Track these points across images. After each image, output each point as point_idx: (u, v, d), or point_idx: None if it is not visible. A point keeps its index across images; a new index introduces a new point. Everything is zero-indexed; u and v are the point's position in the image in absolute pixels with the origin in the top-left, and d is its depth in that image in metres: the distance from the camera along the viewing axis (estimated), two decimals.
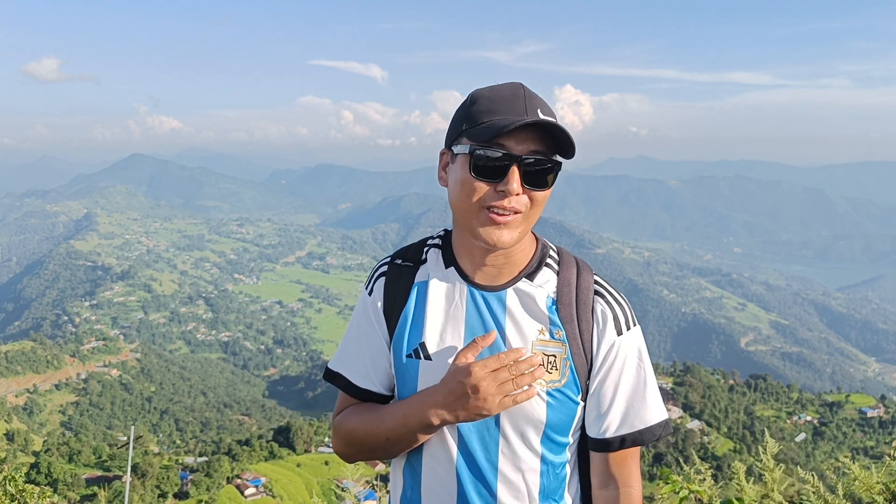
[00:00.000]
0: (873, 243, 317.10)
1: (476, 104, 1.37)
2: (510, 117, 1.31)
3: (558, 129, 1.31)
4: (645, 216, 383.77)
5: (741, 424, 57.63)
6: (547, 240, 1.55)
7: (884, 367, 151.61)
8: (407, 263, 1.53)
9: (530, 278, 1.45)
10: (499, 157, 1.31)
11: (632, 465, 1.47)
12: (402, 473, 1.52)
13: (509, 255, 1.43)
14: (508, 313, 1.43)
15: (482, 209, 1.35)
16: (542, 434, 1.42)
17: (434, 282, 1.48)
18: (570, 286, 1.46)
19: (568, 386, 1.42)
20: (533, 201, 1.35)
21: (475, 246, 1.42)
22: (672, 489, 3.20)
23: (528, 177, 1.33)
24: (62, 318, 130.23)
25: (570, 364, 1.42)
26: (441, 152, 1.45)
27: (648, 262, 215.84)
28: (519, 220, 1.35)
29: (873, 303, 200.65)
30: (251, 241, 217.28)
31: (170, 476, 39.86)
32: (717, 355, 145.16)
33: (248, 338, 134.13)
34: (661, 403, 1.46)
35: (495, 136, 1.30)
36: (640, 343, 1.48)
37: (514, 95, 1.35)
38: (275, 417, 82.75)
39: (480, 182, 1.33)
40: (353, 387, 1.52)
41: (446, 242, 1.53)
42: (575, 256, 1.53)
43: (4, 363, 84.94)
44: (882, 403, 67.56)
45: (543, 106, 1.36)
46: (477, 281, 1.45)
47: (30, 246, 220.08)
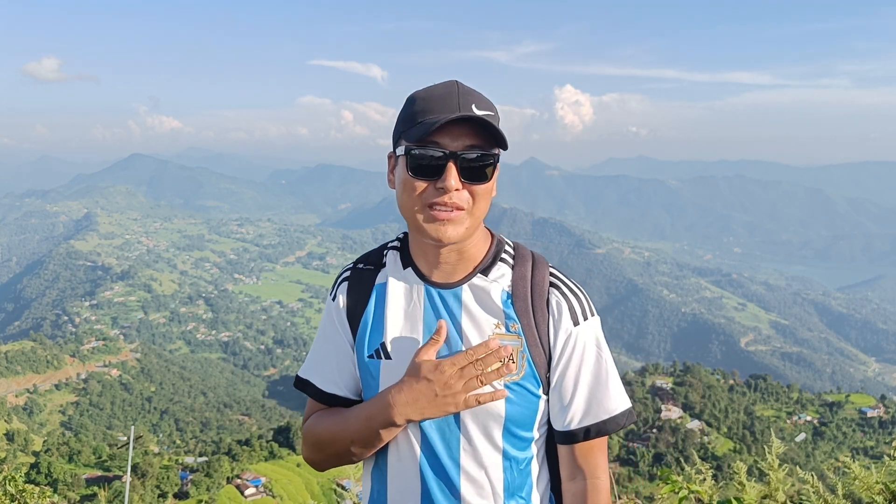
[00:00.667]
0: (873, 243, 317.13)
1: (412, 105, 1.39)
2: (444, 115, 1.32)
3: (488, 122, 1.32)
4: (645, 216, 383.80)
5: (741, 424, 57.62)
6: (503, 236, 1.56)
7: (884, 367, 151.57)
8: (368, 267, 1.54)
9: (485, 273, 1.46)
10: (434, 154, 1.33)
11: (598, 456, 1.47)
12: (371, 476, 1.53)
13: (462, 252, 1.45)
14: (464, 309, 1.44)
15: (425, 207, 1.36)
16: (503, 429, 1.42)
17: (392, 283, 1.50)
18: (525, 279, 1.47)
19: (526, 379, 1.42)
20: (474, 196, 1.37)
21: (428, 245, 1.43)
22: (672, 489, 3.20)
23: (466, 172, 1.34)
24: (62, 318, 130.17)
25: (527, 357, 1.42)
26: (388, 156, 1.46)
27: (648, 262, 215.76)
28: (463, 216, 1.36)
29: (873, 303, 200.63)
30: (251, 241, 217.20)
31: (170, 476, 39.84)
32: (717, 355, 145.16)
33: (248, 338, 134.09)
34: (624, 392, 1.47)
35: (428, 134, 1.32)
36: (599, 333, 1.48)
37: (448, 93, 1.36)
38: (275, 417, 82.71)
39: (419, 181, 1.35)
40: (321, 392, 1.53)
41: (404, 244, 1.54)
42: (531, 251, 1.53)
43: (4, 363, 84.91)
44: (882, 403, 67.51)
45: (479, 101, 1.37)
46: (433, 279, 1.47)
47: (30, 246, 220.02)
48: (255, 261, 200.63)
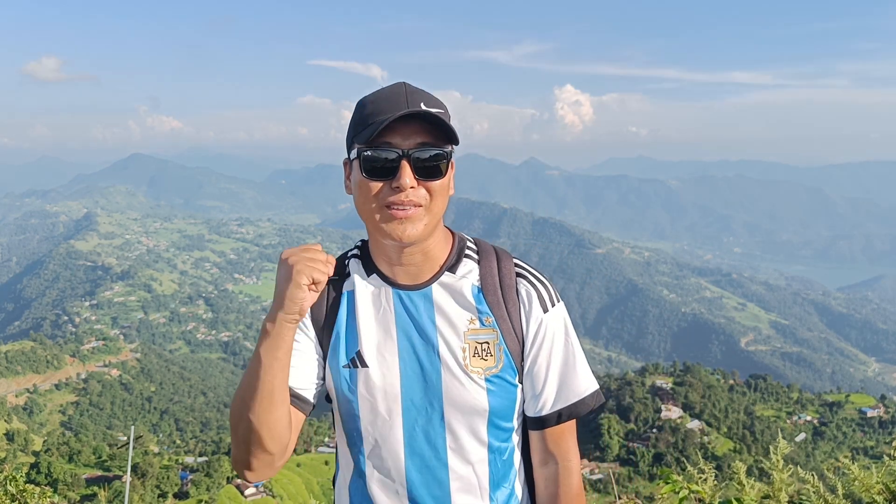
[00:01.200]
0: (873, 243, 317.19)
1: (362, 109, 1.38)
2: (393, 114, 1.32)
3: (436, 117, 1.32)
4: (645, 216, 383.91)
5: (741, 424, 57.60)
6: (463, 233, 1.57)
7: (884, 367, 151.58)
8: (333, 277, 1.48)
9: (452, 271, 1.47)
10: (386, 154, 1.32)
11: (569, 440, 1.50)
12: (348, 490, 1.52)
13: (426, 252, 1.44)
14: (437, 308, 1.44)
15: (382, 208, 1.35)
16: (487, 422, 1.43)
17: (359, 290, 1.48)
18: (493, 272, 1.48)
19: (504, 370, 1.44)
20: (431, 193, 1.37)
21: (390, 247, 1.42)
22: (672, 489, 3.21)
23: (420, 170, 1.34)
24: (62, 318, 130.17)
25: (503, 348, 1.44)
26: (343, 163, 1.46)
27: (648, 262, 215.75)
28: (421, 213, 1.36)
29: (873, 303, 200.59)
30: (251, 241, 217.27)
31: (170, 476, 39.86)
32: (717, 355, 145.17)
33: (248, 338, 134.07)
34: (591, 374, 1.50)
35: (379, 134, 1.32)
36: (566, 318, 1.51)
37: (395, 93, 1.36)
38: None
39: (374, 182, 1.34)
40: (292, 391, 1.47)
41: (364, 251, 1.53)
42: (493, 245, 1.55)
43: (4, 363, 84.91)
44: (882, 403, 67.54)
45: (428, 99, 1.37)
46: (400, 282, 1.46)
47: (30, 246, 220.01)
48: (255, 261, 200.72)
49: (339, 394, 1.47)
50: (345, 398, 1.46)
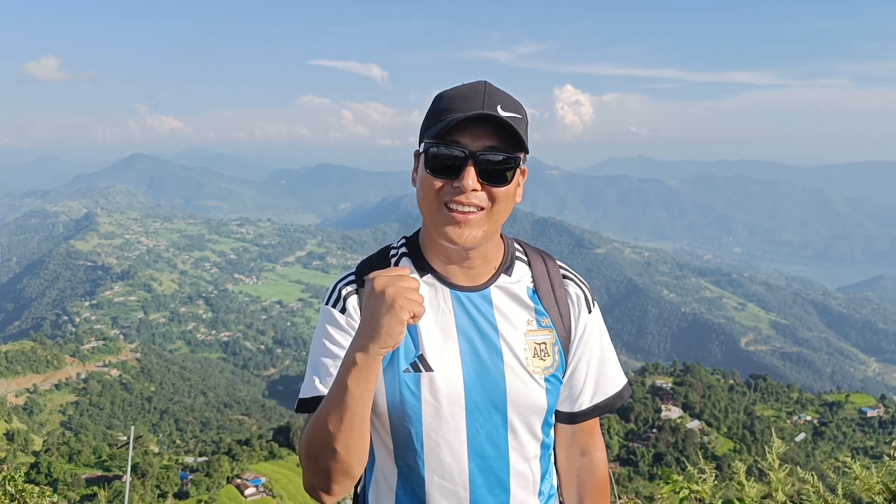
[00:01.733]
0: (873, 243, 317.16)
1: (437, 103, 1.37)
2: (465, 113, 1.30)
3: (508, 123, 1.30)
4: (645, 216, 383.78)
5: (741, 424, 57.59)
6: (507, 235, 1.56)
7: (884, 367, 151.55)
8: None
9: (508, 273, 1.48)
10: (453, 153, 1.31)
11: (597, 432, 1.61)
12: (395, 498, 1.46)
13: (485, 255, 1.44)
14: (497, 310, 1.44)
15: (441, 207, 1.34)
16: (543, 420, 1.47)
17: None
18: (544, 275, 1.51)
19: (558, 370, 1.47)
20: (494, 198, 1.34)
21: (451, 248, 1.40)
22: (672, 489, 3.21)
23: (485, 173, 1.32)
24: (62, 318, 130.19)
25: (558, 348, 1.47)
26: (414, 154, 1.44)
27: (648, 262, 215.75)
28: (482, 217, 1.34)
29: (873, 303, 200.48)
30: (251, 241, 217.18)
31: (170, 476, 39.84)
32: (717, 355, 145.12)
33: (248, 338, 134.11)
34: (621, 368, 1.58)
35: (448, 132, 1.31)
36: (601, 317, 1.57)
37: (474, 92, 1.34)
38: (275, 417, 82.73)
39: (437, 179, 1.33)
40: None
41: (414, 248, 1.49)
42: (536, 248, 1.57)
43: (4, 363, 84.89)
44: (882, 403, 67.52)
45: (506, 102, 1.34)
46: (456, 282, 1.44)
47: (30, 246, 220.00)
48: (255, 261, 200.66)
49: (394, 399, 1.40)
50: (403, 403, 1.40)
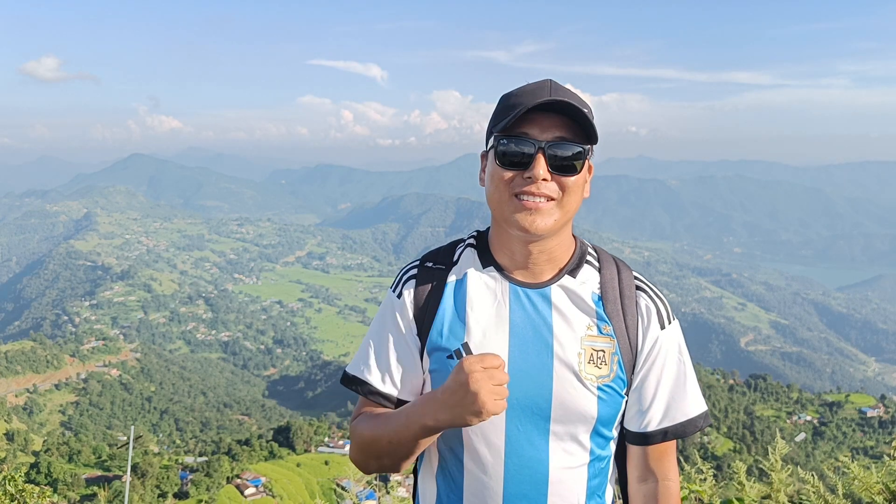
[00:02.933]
0: (873, 243, 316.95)
1: (504, 101, 1.39)
2: (533, 101, 1.32)
3: (579, 112, 1.32)
4: (645, 216, 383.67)
5: (741, 424, 57.62)
6: (585, 240, 1.54)
7: (884, 367, 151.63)
8: (438, 266, 1.50)
9: (573, 275, 1.45)
10: (522, 144, 1.33)
11: (670, 458, 1.48)
12: (435, 481, 1.48)
13: (551, 252, 1.43)
14: (555, 309, 1.42)
15: (512, 197, 1.35)
16: (591, 429, 1.41)
17: (473, 281, 1.46)
18: (614, 282, 1.47)
19: (615, 381, 1.42)
20: (564, 188, 1.35)
21: (515, 243, 1.41)
22: None
23: (555, 164, 1.33)
24: (62, 318, 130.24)
25: (618, 359, 1.42)
26: (480, 155, 1.46)
27: (648, 262, 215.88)
28: (552, 206, 1.35)
29: (873, 303, 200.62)
30: (251, 241, 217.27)
31: (170, 476, 39.87)
32: (717, 355, 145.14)
33: (248, 338, 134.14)
34: (701, 395, 1.48)
35: (516, 124, 1.33)
36: (680, 337, 1.49)
37: (540, 87, 1.35)
38: (275, 417, 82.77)
39: (508, 171, 1.34)
40: (375, 391, 1.47)
41: (482, 242, 1.51)
42: (612, 255, 1.54)
43: (4, 363, 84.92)
44: (882, 403, 67.55)
45: (572, 96, 1.36)
46: (518, 278, 1.44)
47: (30, 246, 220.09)
48: (255, 261, 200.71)
49: (437, 383, 1.41)
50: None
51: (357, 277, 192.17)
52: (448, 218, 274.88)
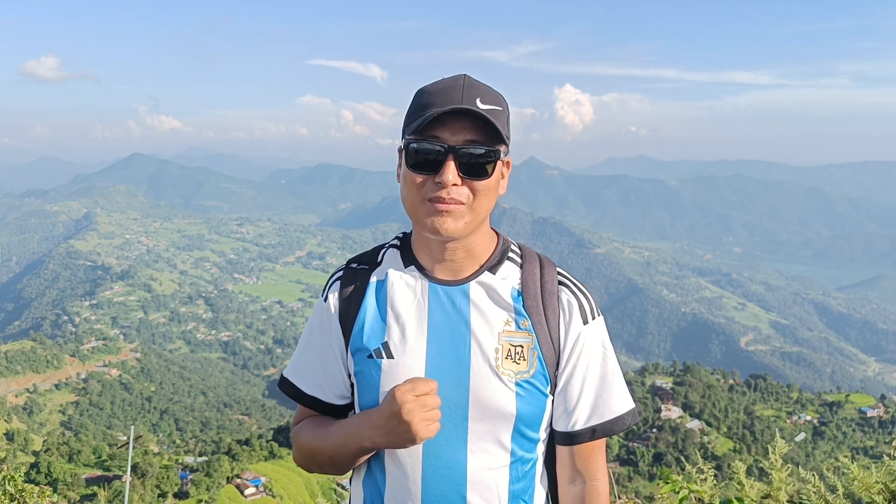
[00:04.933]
0: (873, 243, 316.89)
1: (418, 99, 1.36)
2: (442, 108, 1.29)
3: (486, 116, 1.29)
4: (645, 216, 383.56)
5: (741, 424, 57.62)
6: (508, 237, 1.52)
7: (884, 367, 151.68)
8: (363, 266, 1.51)
9: (492, 271, 1.43)
10: (432, 148, 1.30)
11: (599, 458, 1.46)
12: (362, 485, 1.49)
13: (469, 249, 1.41)
14: (473, 305, 1.41)
15: (425, 201, 1.34)
16: (512, 429, 1.38)
17: (393, 280, 1.46)
18: (535, 277, 1.45)
19: (536, 377, 1.39)
20: (475, 192, 1.33)
21: (432, 242, 1.40)
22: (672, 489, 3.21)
23: (466, 167, 1.31)
24: (62, 318, 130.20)
25: (538, 354, 1.40)
26: (398, 150, 1.42)
27: (648, 262, 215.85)
28: (463, 210, 1.33)
29: (873, 303, 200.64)
30: (251, 241, 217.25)
31: (170, 476, 39.85)
32: (717, 355, 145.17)
33: (247, 337, 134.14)
34: (628, 392, 1.46)
35: (426, 127, 1.30)
36: (605, 333, 1.46)
37: (453, 86, 1.32)
38: (275, 417, 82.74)
39: (418, 175, 1.33)
40: (303, 395, 1.50)
41: (405, 243, 1.51)
42: (537, 252, 1.51)
43: (4, 363, 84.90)
44: (882, 403, 67.53)
45: (485, 94, 1.32)
46: (438, 276, 1.44)
47: (30, 246, 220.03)
48: (255, 260, 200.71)
49: (359, 384, 1.44)
50: (367, 388, 1.42)
51: None
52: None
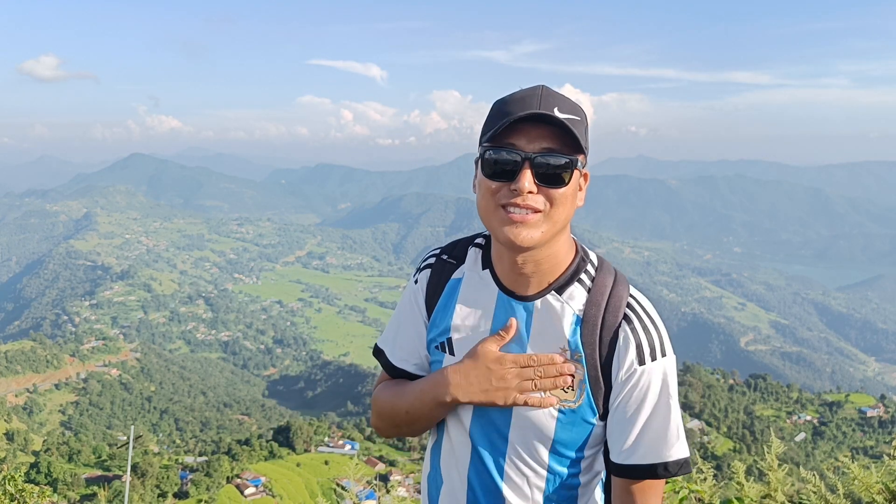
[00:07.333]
0: (873, 243, 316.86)
1: (494, 109, 1.37)
2: (520, 113, 1.30)
3: (564, 123, 1.30)
4: (645, 216, 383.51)
5: (741, 424, 57.65)
6: (589, 250, 1.52)
7: (883, 367, 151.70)
8: (451, 260, 1.55)
9: (559, 292, 1.42)
10: (508, 156, 1.31)
11: (649, 497, 1.41)
12: (430, 462, 1.61)
13: (539, 263, 1.40)
14: (533, 325, 1.42)
15: (498, 208, 1.34)
16: (550, 448, 1.42)
17: (467, 281, 1.50)
18: (598, 307, 1.41)
19: (582, 408, 1.40)
20: (551, 200, 1.33)
21: (504, 252, 1.41)
22: (672, 489, 3.21)
23: (542, 175, 1.31)
24: (62, 318, 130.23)
25: (586, 387, 1.40)
26: (475, 161, 1.43)
27: (648, 262, 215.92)
28: (539, 219, 1.33)
29: (873, 302, 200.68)
30: (251, 241, 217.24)
31: (170, 476, 39.89)
32: (717, 355, 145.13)
33: (247, 337, 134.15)
34: (683, 440, 1.40)
35: (503, 134, 1.31)
36: (667, 374, 1.40)
37: (530, 95, 1.33)
38: (274, 417, 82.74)
39: (494, 182, 1.33)
40: (390, 365, 1.59)
41: (487, 245, 1.52)
42: (616, 270, 1.48)
43: (4, 363, 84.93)
44: (882, 403, 67.57)
45: (562, 104, 1.33)
46: (508, 287, 1.44)
47: (30, 246, 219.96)
48: (255, 260, 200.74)
49: (429, 367, 1.56)
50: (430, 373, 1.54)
51: (357, 277, 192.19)
52: (448, 218, 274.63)
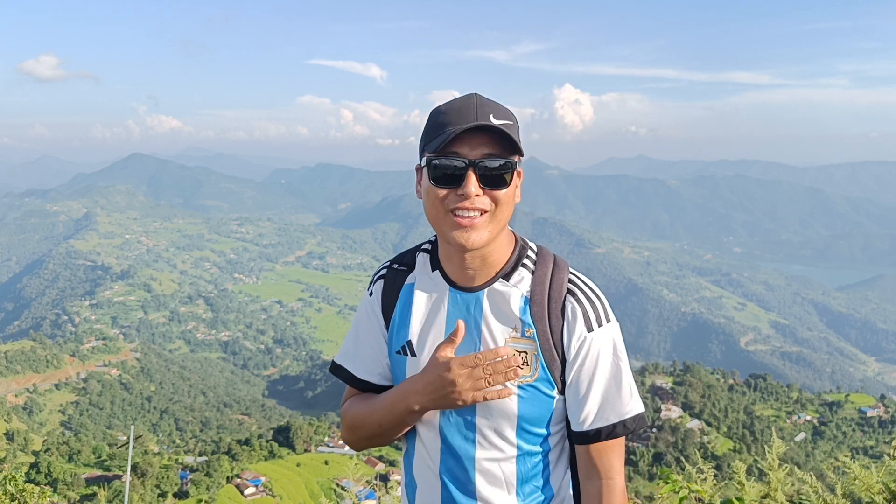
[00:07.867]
0: (873, 243, 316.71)
1: (434, 119, 1.48)
2: (462, 126, 1.41)
3: (501, 130, 1.40)
4: (645, 216, 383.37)
5: (741, 424, 57.60)
6: (528, 239, 1.62)
7: (883, 367, 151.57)
8: (402, 268, 1.65)
9: (506, 278, 1.54)
10: (454, 163, 1.42)
11: (613, 458, 1.53)
12: (403, 469, 1.70)
13: (485, 257, 1.52)
14: (484, 313, 1.52)
15: (447, 213, 1.44)
16: (516, 426, 1.51)
17: (419, 284, 1.61)
18: (543, 285, 1.53)
19: (539, 381, 1.50)
20: (496, 201, 1.44)
21: (453, 250, 1.51)
22: (672, 489, 3.21)
23: (486, 179, 1.42)
24: (62, 318, 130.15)
25: (541, 360, 1.50)
26: (416, 168, 1.54)
27: (648, 262, 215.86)
28: (486, 220, 1.44)
29: (873, 302, 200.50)
30: (251, 241, 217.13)
31: (169, 475, 39.86)
32: (717, 355, 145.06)
33: (247, 337, 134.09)
34: (637, 397, 1.53)
35: (447, 144, 1.41)
36: (615, 338, 1.53)
37: (466, 105, 1.45)
38: (274, 417, 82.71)
39: (442, 189, 1.44)
40: (354, 378, 1.67)
41: (435, 248, 1.63)
42: (554, 255, 1.59)
43: (4, 363, 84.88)
44: (882, 403, 67.52)
45: (497, 111, 1.44)
46: (457, 283, 1.56)
47: (30, 245, 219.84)
48: (255, 260, 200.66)
49: (393, 375, 1.64)
50: (396, 380, 1.62)
51: (357, 277, 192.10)
52: None
